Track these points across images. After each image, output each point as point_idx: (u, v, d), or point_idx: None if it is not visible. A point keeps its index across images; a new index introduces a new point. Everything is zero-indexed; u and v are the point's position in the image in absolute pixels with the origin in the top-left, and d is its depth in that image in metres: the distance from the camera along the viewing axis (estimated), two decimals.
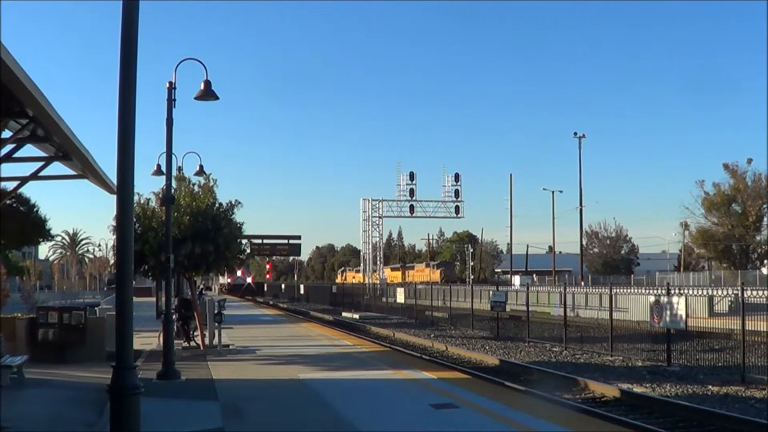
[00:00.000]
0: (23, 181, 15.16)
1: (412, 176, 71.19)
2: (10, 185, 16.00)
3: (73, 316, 17.77)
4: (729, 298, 29.91)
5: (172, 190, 16.40)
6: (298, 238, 59.33)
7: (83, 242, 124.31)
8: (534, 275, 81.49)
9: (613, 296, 24.15)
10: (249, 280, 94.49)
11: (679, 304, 20.00)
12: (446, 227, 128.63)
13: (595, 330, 26.54)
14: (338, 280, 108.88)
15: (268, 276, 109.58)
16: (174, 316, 18.14)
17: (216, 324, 20.65)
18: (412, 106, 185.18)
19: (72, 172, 15.15)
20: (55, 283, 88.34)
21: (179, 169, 20.94)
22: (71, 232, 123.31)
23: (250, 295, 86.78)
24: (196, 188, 19.78)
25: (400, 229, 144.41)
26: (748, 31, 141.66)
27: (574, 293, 38.39)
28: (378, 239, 77.26)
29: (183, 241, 18.09)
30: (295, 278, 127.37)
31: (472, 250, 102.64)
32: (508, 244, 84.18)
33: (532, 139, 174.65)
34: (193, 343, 21.32)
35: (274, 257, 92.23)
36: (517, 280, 72.11)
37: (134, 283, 8.92)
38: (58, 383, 14.51)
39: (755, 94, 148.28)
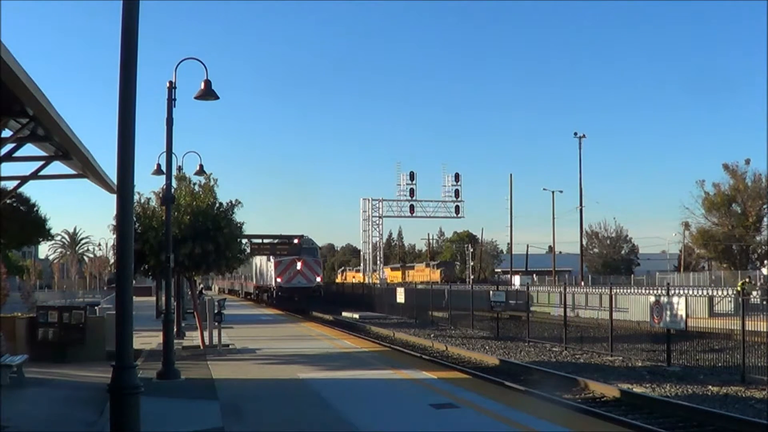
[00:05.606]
0: (23, 180, 15.14)
1: (412, 176, 71.15)
2: (10, 185, 15.97)
3: (73, 316, 17.75)
4: (729, 299, 29.90)
5: (173, 190, 16.40)
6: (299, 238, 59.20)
7: (83, 242, 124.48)
8: (534, 275, 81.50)
9: (613, 296, 24.14)
10: (318, 279, 50.07)
11: (679, 305, 19.99)
12: (446, 227, 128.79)
13: (595, 330, 26.55)
14: (338, 279, 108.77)
15: None
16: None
17: (216, 324, 20.66)
18: (412, 106, 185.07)
19: (72, 172, 15.12)
20: (55, 282, 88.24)
21: (179, 168, 20.95)
22: (71, 231, 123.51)
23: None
24: (196, 188, 19.75)
25: (400, 229, 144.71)
26: (748, 31, 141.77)
27: (574, 293, 38.46)
28: (378, 239, 77.23)
29: (183, 241, 18.09)
30: None
31: (472, 250, 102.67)
32: (508, 244, 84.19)
33: (532, 139, 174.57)
34: None
35: None
36: (517, 280, 72.16)
37: (134, 282, 8.92)
38: (58, 383, 14.50)
39: (755, 94, 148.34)
